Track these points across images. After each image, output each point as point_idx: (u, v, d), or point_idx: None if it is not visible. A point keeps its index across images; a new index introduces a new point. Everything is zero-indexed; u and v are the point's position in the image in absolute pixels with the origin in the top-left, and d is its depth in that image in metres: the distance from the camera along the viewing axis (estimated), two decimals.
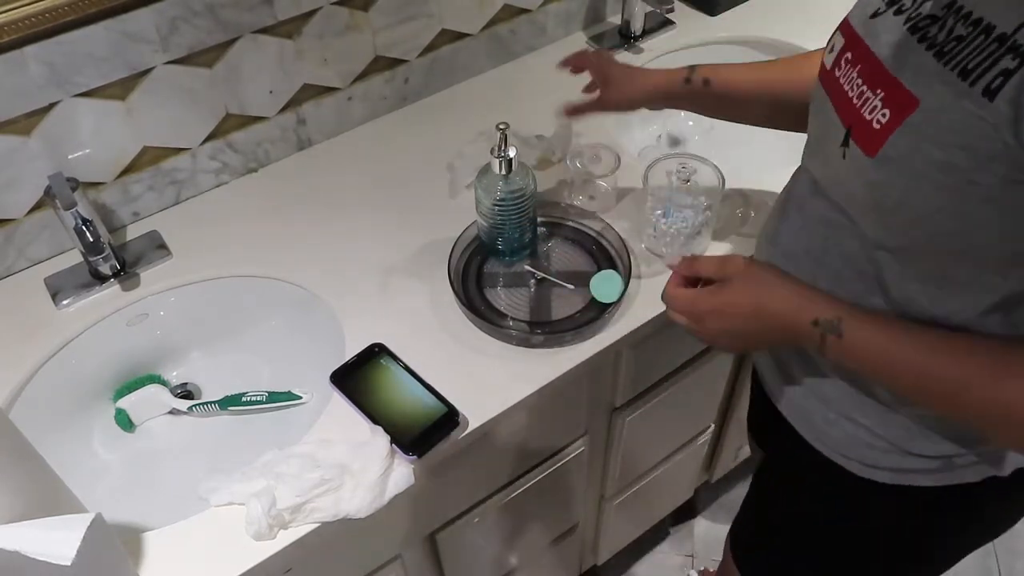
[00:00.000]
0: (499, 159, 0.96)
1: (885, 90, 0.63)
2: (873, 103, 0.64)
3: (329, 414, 0.91)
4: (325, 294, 1.04)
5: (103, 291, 1.04)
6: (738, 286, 0.73)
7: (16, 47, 0.91)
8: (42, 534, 0.61)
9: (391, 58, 1.23)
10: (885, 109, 0.63)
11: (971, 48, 0.57)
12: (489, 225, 1.02)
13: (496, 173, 0.98)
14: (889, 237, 0.67)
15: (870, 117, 0.64)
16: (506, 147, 0.96)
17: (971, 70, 0.56)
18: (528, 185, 1.00)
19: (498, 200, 0.99)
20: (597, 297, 0.97)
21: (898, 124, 0.61)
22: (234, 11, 1.03)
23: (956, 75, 0.57)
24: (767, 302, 0.71)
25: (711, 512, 1.79)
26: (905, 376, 0.66)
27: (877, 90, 0.64)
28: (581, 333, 0.96)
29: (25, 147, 0.98)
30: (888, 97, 0.63)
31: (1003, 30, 0.55)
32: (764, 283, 0.72)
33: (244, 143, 1.16)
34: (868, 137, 0.64)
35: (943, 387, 0.64)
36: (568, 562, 1.47)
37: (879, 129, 0.63)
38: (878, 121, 0.63)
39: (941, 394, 0.64)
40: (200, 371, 1.09)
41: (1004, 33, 0.55)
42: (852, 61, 0.69)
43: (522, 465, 1.10)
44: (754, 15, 1.46)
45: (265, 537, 0.81)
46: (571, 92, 1.32)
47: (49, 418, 0.98)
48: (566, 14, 1.39)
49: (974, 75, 0.56)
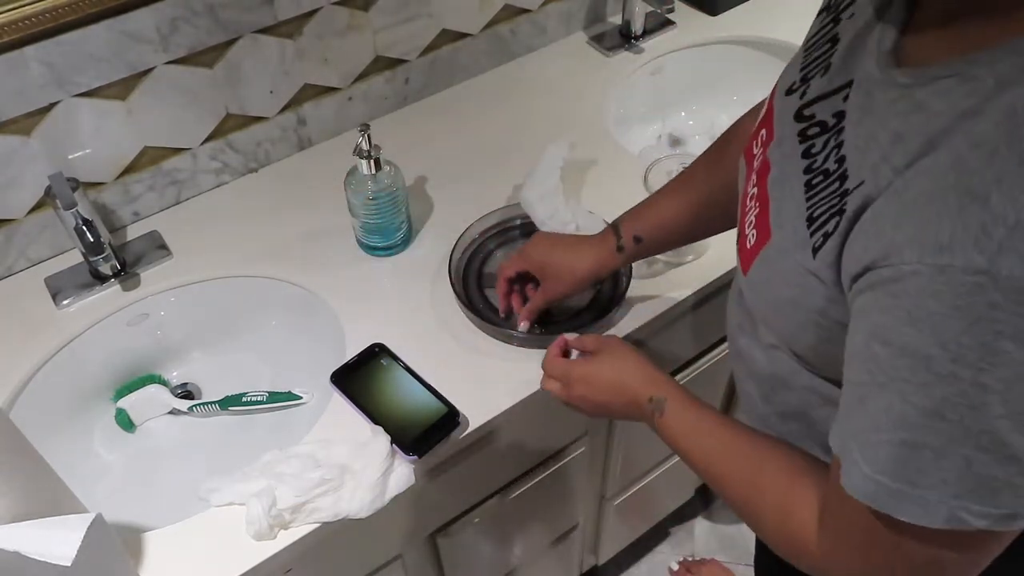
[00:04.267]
0: (366, 159, 0.97)
1: (760, 206, 0.62)
2: (751, 216, 0.64)
3: (329, 414, 0.91)
4: (325, 294, 1.04)
5: (103, 291, 1.04)
6: (605, 359, 0.79)
7: (16, 47, 0.91)
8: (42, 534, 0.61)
9: (391, 58, 1.23)
10: (755, 229, 0.62)
11: (826, 192, 0.54)
12: (364, 224, 1.03)
13: (364, 173, 0.99)
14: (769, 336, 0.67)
15: (747, 232, 0.64)
16: (371, 145, 0.96)
17: (815, 219, 0.54)
18: (398, 179, 1.01)
19: (371, 199, 1.00)
20: None
21: (758, 252, 0.61)
22: (234, 11, 1.03)
23: (805, 219, 0.55)
24: (621, 376, 0.77)
25: (711, 512, 1.78)
26: (704, 464, 0.69)
27: (756, 202, 0.63)
28: (581, 334, 0.96)
29: (25, 147, 0.98)
30: (759, 217, 0.62)
31: (848, 184, 0.52)
32: (624, 359, 0.79)
33: (244, 143, 1.16)
34: (743, 253, 0.65)
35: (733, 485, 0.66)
36: (568, 562, 1.47)
37: (749, 249, 0.63)
38: (749, 240, 0.63)
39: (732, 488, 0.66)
40: (200, 371, 1.09)
41: (847, 188, 0.52)
42: (764, 144, 0.65)
43: (522, 465, 1.10)
44: (754, 15, 1.46)
45: (265, 537, 0.81)
46: (571, 92, 1.32)
47: (49, 418, 0.98)
48: (566, 14, 1.39)
49: (814, 225, 0.54)
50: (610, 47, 1.40)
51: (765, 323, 0.67)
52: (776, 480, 0.62)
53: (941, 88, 0.46)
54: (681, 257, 1.05)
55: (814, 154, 0.57)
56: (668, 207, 0.89)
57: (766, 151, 0.64)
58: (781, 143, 0.62)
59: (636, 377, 0.76)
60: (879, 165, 0.49)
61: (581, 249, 0.92)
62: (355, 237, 1.09)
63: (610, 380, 0.78)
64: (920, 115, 0.47)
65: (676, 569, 1.66)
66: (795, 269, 0.56)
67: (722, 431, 0.68)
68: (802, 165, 0.58)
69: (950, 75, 0.46)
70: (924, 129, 0.46)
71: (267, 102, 1.14)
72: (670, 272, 1.04)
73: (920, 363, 0.44)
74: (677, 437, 0.71)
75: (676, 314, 1.03)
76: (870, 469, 0.48)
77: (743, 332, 0.73)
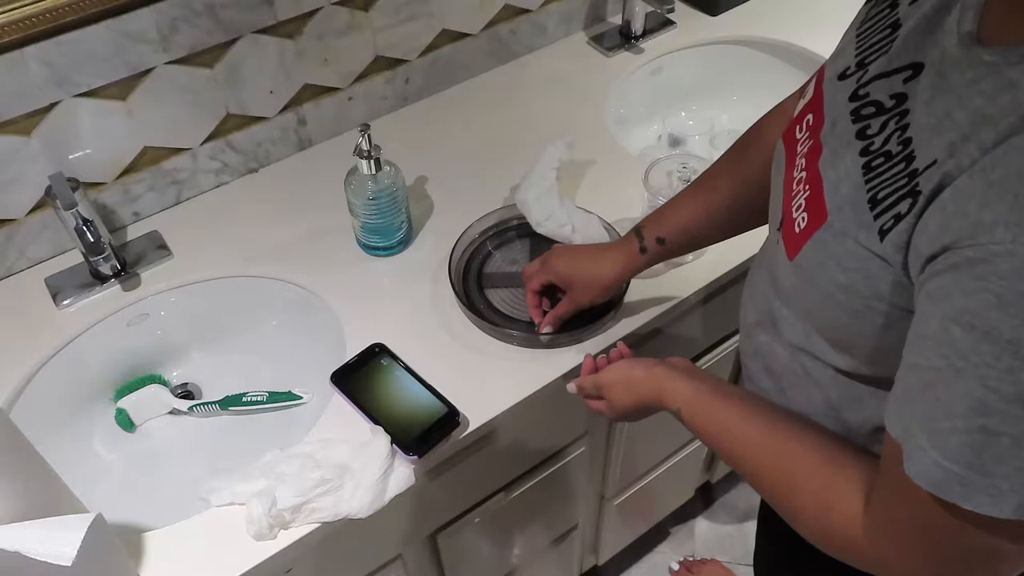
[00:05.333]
0: (366, 159, 0.97)
1: (811, 187, 0.60)
2: (799, 200, 0.62)
3: (330, 414, 0.91)
4: (325, 294, 1.04)
5: (104, 291, 1.04)
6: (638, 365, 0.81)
7: (16, 47, 0.91)
8: (43, 534, 0.61)
9: (391, 58, 1.23)
10: (805, 212, 0.61)
11: (890, 174, 0.53)
12: (364, 224, 1.03)
13: (364, 173, 0.99)
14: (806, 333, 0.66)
15: (795, 216, 0.62)
16: (371, 145, 0.96)
17: (880, 200, 0.53)
18: (398, 179, 1.01)
19: (371, 199, 1.00)
20: None
21: (811, 235, 0.59)
22: (234, 11, 1.03)
23: (867, 201, 0.54)
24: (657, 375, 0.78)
25: (711, 512, 1.78)
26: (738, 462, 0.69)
27: (806, 185, 0.62)
28: (581, 334, 0.96)
29: (26, 147, 0.98)
30: (811, 199, 0.60)
31: (917, 164, 0.51)
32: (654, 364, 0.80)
33: (244, 143, 1.16)
34: (790, 238, 0.63)
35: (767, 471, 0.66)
36: (568, 562, 1.47)
37: (798, 234, 0.61)
38: (799, 224, 0.62)
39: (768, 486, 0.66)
40: (201, 371, 1.09)
41: (916, 169, 0.51)
42: (811, 128, 0.64)
43: (522, 465, 1.10)
44: (754, 15, 1.46)
45: (266, 537, 0.81)
46: (571, 92, 1.32)
47: (50, 418, 0.98)
48: (567, 14, 1.39)
49: (880, 207, 0.53)
50: (610, 47, 1.40)
51: (807, 313, 0.65)
52: (818, 471, 0.61)
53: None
54: (681, 257, 1.05)
55: (870, 135, 0.56)
56: (691, 207, 0.89)
57: (818, 135, 0.62)
58: (835, 125, 0.60)
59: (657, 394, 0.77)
60: (958, 144, 0.47)
61: (605, 257, 0.93)
62: (355, 237, 1.09)
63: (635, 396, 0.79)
64: (1010, 93, 0.45)
65: (676, 569, 1.66)
66: (855, 252, 0.55)
67: (750, 425, 0.68)
68: (858, 147, 0.57)
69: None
70: (1015, 106, 0.45)
71: (267, 102, 1.14)
72: (670, 272, 1.04)
73: (1007, 348, 0.43)
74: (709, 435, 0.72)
75: (676, 314, 1.03)
76: (939, 455, 0.47)
77: (763, 329, 0.73)
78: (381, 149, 0.99)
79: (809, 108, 0.66)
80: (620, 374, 0.81)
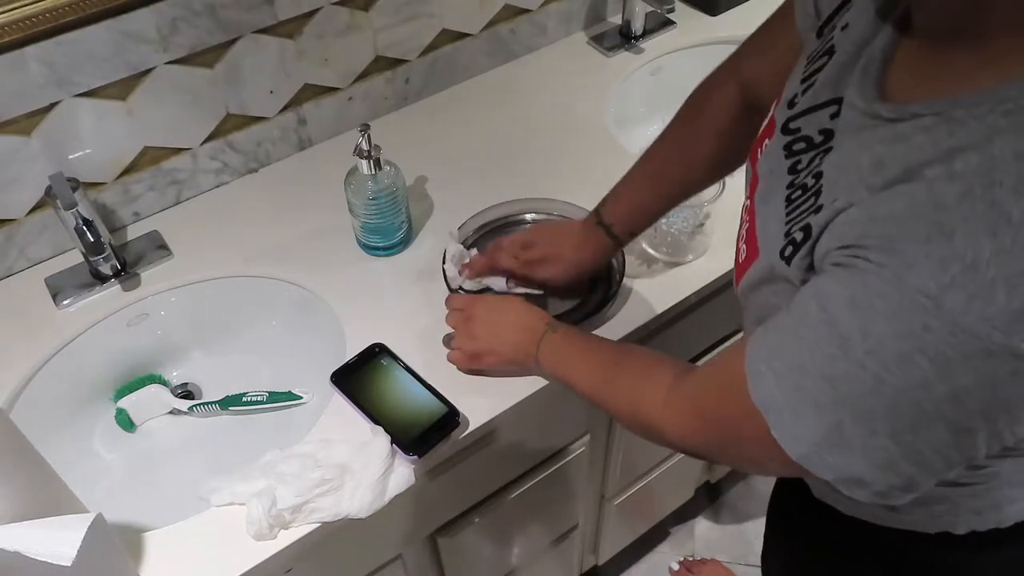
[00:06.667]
0: (366, 159, 0.97)
1: (749, 221, 0.64)
2: (742, 230, 0.66)
3: (330, 414, 0.91)
4: (325, 294, 1.04)
5: (104, 291, 1.04)
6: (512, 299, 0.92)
7: (16, 47, 0.91)
8: (43, 534, 0.61)
9: (392, 58, 1.23)
10: (745, 244, 0.64)
11: (803, 208, 0.56)
12: (364, 224, 1.03)
13: (364, 173, 0.99)
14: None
15: (740, 246, 0.65)
16: (371, 145, 0.96)
17: (791, 233, 0.57)
18: (398, 179, 1.01)
19: (371, 200, 1.00)
20: None
21: (747, 268, 0.63)
22: (235, 11, 1.03)
23: (784, 237, 0.57)
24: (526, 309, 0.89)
25: (711, 512, 1.79)
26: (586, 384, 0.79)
27: (746, 216, 0.64)
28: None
29: (26, 147, 0.98)
30: (749, 232, 0.64)
31: (823, 201, 0.54)
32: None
33: (244, 143, 1.16)
34: (736, 265, 0.67)
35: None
36: (568, 562, 1.47)
37: (740, 263, 0.65)
38: (741, 254, 0.65)
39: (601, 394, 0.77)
40: (201, 371, 1.09)
41: (821, 205, 0.54)
42: (765, 153, 0.65)
43: (522, 465, 1.10)
44: (754, 15, 1.44)
45: (266, 537, 0.81)
46: (571, 92, 1.32)
47: (50, 418, 0.98)
48: (566, 14, 1.39)
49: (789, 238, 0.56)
50: (610, 47, 1.40)
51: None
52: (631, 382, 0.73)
53: (924, 124, 0.48)
54: (681, 257, 1.05)
55: (799, 170, 0.59)
56: (646, 189, 0.92)
57: (755, 165, 0.65)
58: (770, 157, 0.63)
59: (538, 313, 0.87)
60: (856, 186, 0.51)
61: (575, 246, 0.95)
62: (355, 237, 1.09)
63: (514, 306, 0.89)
64: (903, 145, 0.49)
65: (676, 569, 1.66)
66: (783, 289, 0.58)
67: (603, 347, 0.81)
68: (787, 181, 0.59)
69: (934, 114, 0.48)
70: (905, 158, 0.48)
71: (267, 102, 1.14)
72: (670, 272, 1.04)
73: (837, 338, 0.49)
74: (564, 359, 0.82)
75: (675, 314, 1.03)
76: (774, 382, 0.53)
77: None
78: (381, 149, 0.99)
79: (765, 133, 0.67)
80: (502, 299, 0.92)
